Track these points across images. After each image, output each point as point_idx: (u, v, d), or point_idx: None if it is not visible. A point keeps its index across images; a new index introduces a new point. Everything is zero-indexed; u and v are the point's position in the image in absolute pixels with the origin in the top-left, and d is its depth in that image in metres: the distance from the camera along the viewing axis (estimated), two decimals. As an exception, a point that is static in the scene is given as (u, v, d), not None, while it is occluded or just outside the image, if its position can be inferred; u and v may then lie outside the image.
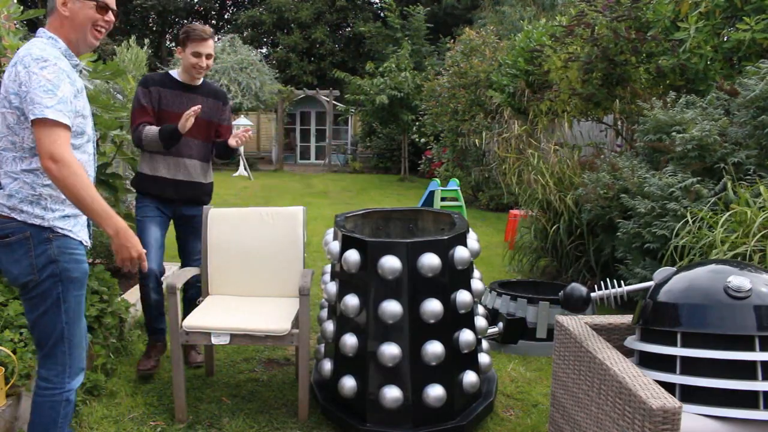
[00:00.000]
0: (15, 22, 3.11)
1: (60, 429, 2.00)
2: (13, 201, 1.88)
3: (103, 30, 2.01)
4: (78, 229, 2.00)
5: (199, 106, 2.92)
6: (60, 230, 1.92)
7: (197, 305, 2.97)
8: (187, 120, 2.89)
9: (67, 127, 1.83)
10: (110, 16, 2.00)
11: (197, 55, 3.03)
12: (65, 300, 1.94)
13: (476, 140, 9.49)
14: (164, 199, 3.16)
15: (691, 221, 3.35)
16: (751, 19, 4.26)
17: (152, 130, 2.98)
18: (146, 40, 9.38)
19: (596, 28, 5.25)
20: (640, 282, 2.67)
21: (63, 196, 1.91)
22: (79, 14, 1.94)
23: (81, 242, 2.00)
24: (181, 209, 3.23)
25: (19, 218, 1.88)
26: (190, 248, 3.29)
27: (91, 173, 2.05)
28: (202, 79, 3.20)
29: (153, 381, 3.15)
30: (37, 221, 1.89)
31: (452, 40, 12.09)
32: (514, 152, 6.09)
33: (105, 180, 3.20)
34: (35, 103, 1.78)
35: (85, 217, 2.04)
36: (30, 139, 1.86)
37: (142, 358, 3.17)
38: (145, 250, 2.05)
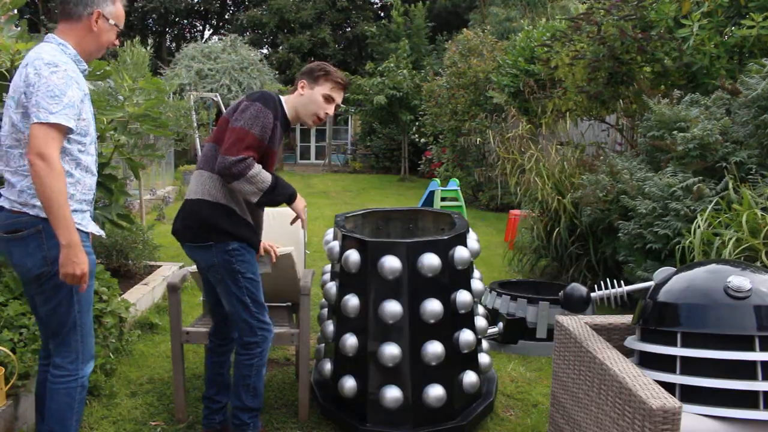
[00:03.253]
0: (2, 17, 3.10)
1: (76, 414, 2.08)
2: (24, 197, 1.94)
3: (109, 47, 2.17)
4: (86, 222, 2.06)
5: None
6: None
7: (198, 303, 2.97)
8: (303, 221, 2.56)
9: (64, 130, 1.89)
10: (117, 41, 2.17)
11: (329, 100, 2.46)
12: (77, 290, 1.99)
13: (478, 139, 9.48)
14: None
15: (702, 222, 3.33)
16: (756, 15, 4.26)
17: (265, 176, 2.31)
18: (150, 40, 9.37)
19: (603, 26, 5.25)
20: (643, 283, 2.67)
21: (70, 192, 1.96)
22: (104, 35, 2.08)
23: (89, 234, 2.07)
24: None
25: (31, 213, 1.94)
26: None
27: (94, 172, 2.12)
28: None
29: (153, 381, 3.15)
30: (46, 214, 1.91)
31: (449, 41, 12.09)
32: (517, 152, 6.09)
33: (102, 182, 3.19)
34: (41, 108, 1.84)
35: (89, 210, 2.10)
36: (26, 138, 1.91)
37: None
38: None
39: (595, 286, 2.37)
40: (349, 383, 2.57)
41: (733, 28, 4.61)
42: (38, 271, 1.95)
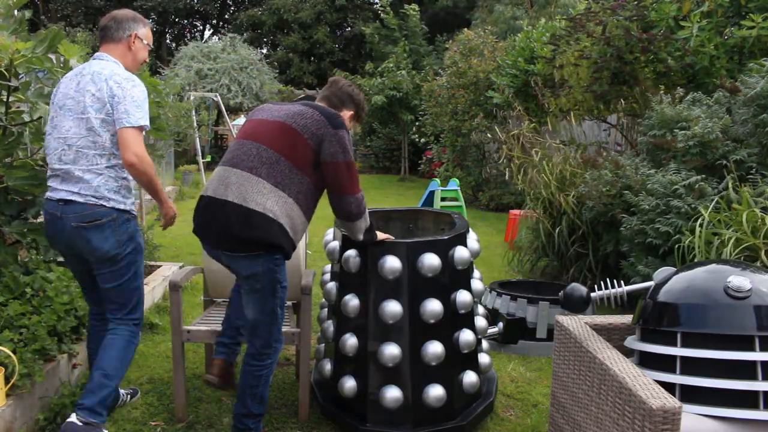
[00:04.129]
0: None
1: (131, 353, 2.52)
2: (101, 191, 2.34)
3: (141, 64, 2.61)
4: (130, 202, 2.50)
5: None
6: (133, 213, 2.46)
7: (199, 303, 2.97)
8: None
9: (144, 132, 2.37)
10: (147, 58, 2.61)
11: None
12: (139, 267, 2.50)
13: (481, 138, 9.47)
14: None
15: (706, 218, 3.33)
16: (756, 16, 4.26)
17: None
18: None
19: (608, 26, 5.25)
20: (643, 280, 2.67)
21: (131, 187, 2.46)
22: (140, 53, 2.53)
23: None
24: None
25: (107, 205, 2.35)
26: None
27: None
28: None
29: (153, 381, 3.15)
30: (120, 206, 2.38)
31: (449, 41, 12.08)
32: (520, 150, 6.08)
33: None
34: (130, 114, 2.28)
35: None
36: (110, 140, 2.33)
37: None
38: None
39: (595, 286, 2.37)
40: (349, 383, 2.57)
41: (732, 28, 4.62)
42: (114, 252, 2.38)
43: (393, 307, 2.47)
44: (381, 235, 2.54)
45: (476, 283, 2.78)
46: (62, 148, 2.34)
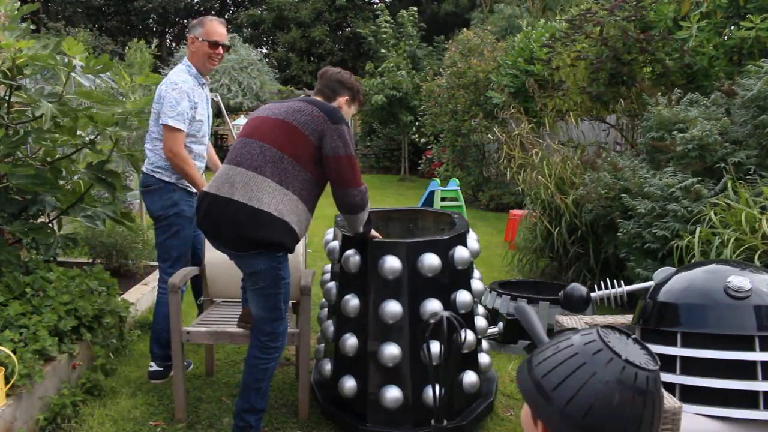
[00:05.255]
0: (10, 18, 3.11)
1: (162, 310, 3.06)
2: (152, 166, 3.04)
3: (216, 60, 3.09)
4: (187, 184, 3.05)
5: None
6: (180, 185, 3.03)
7: (198, 304, 2.98)
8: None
9: (181, 131, 2.91)
10: (220, 50, 3.06)
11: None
12: (183, 229, 3.06)
13: (480, 138, 9.47)
14: None
15: (713, 217, 3.33)
16: (755, 17, 4.26)
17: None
18: (156, 40, 9.37)
19: (605, 27, 5.25)
20: (643, 283, 2.67)
21: None
22: (200, 49, 3.04)
23: (193, 193, 3.07)
24: None
25: (156, 176, 3.02)
26: None
27: (204, 156, 3.18)
28: None
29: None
30: (166, 178, 3.01)
31: (449, 41, 12.06)
32: (519, 150, 6.08)
33: (103, 178, 3.19)
34: (165, 114, 2.90)
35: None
36: (158, 132, 2.99)
37: None
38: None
39: (595, 286, 2.37)
40: (349, 383, 2.57)
41: (732, 28, 4.61)
42: (157, 214, 3.04)
43: (393, 307, 2.47)
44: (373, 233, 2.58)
45: (476, 283, 2.77)
46: (148, 130, 3.09)
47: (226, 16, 25.99)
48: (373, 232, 2.59)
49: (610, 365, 0.84)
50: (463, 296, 2.59)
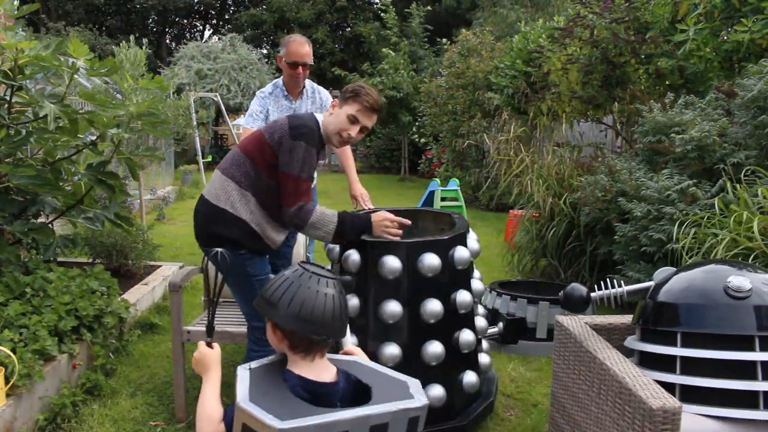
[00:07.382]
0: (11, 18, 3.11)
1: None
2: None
3: (297, 78, 3.38)
4: None
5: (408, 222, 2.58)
6: None
7: (199, 303, 2.97)
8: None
9: (248, 130, 3.29)
10: (299, 70, 3.33)
11: (354, 121, 2.38)
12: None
13: (476, 139, 9.47)
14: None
15: (704, 221, 3.33)
16: (748, 20, 4.25)
17: (327, 216, 2.37)
18: (145, 40, 9.33)
19: (595, 30, 5.25)
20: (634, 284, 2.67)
21: None
22: (287, 69, 3.35)
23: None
24: None
25: None
26: None
27: None
28: None
29: (153, 381, 3.15)
30: None
31: (450, 43, 12.06)
32: (512, 154, 6.08)
33: (103, 180, 3.19)
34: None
35: None
36: None
37: None
38: None
39: (595, 286, 2.37)
40: (349, 383, 2.57)
41: (729, 30, 4.61)
42: None
43: (393, 307, 2.47)
44: (377, 230, 2.51)
45: (476, 283, 2.78)
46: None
47: (226, 16, 25.99)
48: (380, 234, 2.52)
49: (310, 279, 1.36)
50: (463, 296, 2.59)
